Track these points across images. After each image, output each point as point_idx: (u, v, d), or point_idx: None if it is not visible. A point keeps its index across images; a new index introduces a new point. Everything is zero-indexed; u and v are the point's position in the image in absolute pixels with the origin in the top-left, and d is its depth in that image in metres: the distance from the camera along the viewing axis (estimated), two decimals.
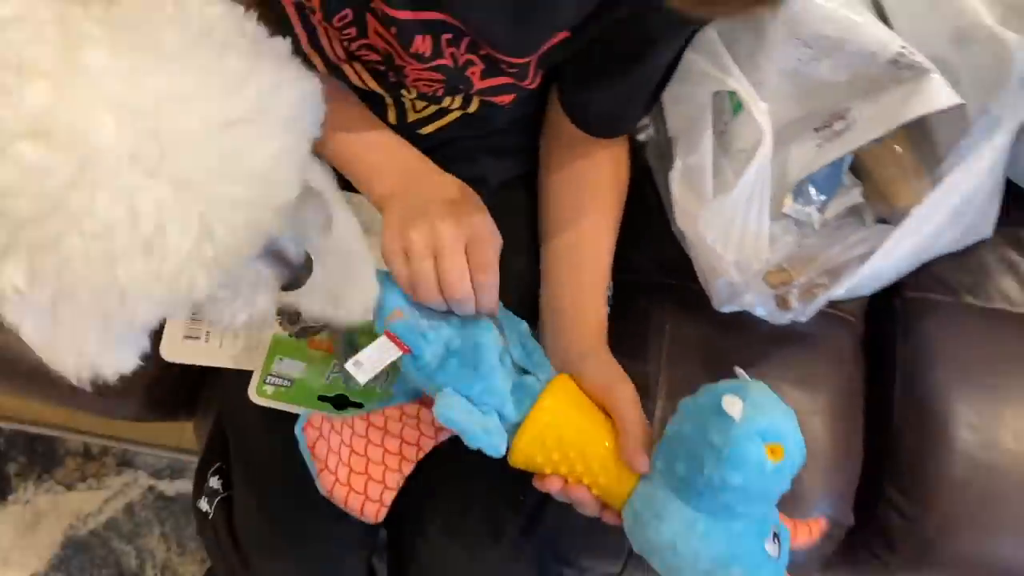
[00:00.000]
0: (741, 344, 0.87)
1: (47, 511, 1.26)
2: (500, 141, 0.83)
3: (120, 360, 0.50)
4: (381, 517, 0.68)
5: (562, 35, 0.68)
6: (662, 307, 0.90)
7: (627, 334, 0.78)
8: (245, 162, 0.46)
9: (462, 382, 0.65)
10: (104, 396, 0.90)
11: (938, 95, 0.70)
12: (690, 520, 0.60)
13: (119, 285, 0.44)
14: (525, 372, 0.69)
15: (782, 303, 0.76)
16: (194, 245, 0.44)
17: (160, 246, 0.43)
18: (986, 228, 0.92)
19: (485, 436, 0.63)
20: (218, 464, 0.81)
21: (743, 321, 0.85)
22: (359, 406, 0.76)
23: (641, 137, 0.98)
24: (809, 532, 0.67)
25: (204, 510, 0.79)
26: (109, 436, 1.30)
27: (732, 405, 0.57)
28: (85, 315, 0.46)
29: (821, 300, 0.76)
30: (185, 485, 1.28)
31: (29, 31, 0.44)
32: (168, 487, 1.28)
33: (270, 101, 0.47)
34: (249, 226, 0.47)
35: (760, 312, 0.78)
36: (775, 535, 0.62)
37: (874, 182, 0.83)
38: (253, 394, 0.76)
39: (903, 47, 0.71)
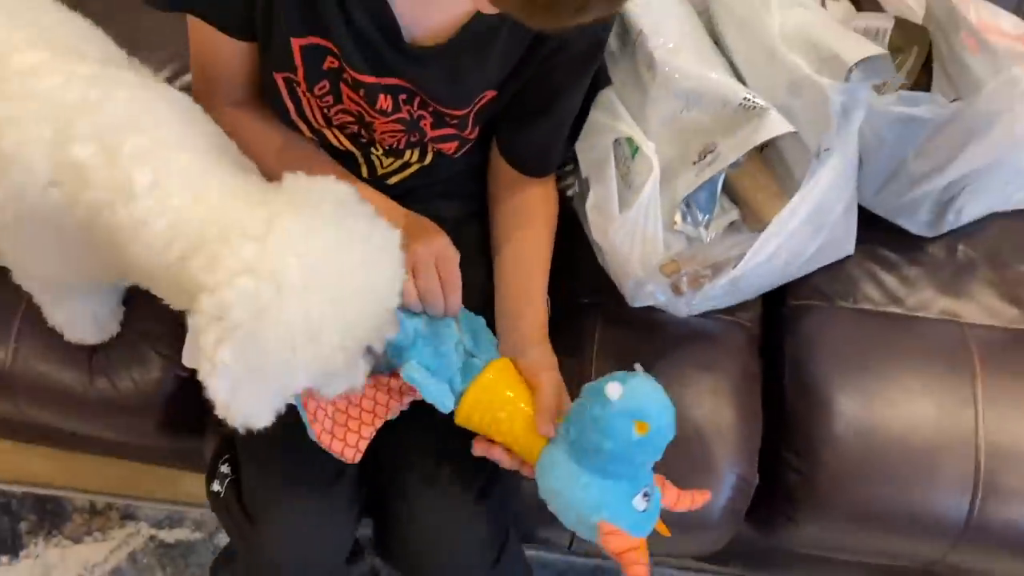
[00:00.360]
0: (656, 343, 1.06)
1: (56, 564, 1.36)
2: (452, 187, 1.05)
3: (268, 415, 0.71)
4: (356, 459, 0.85)
5: (490, 94, 0.91)
6: (593, 320, 1.10)
7: (567, 339, 0.98)
8: (372, 287, 0.71)
9: (425, 358, 0.84)
10: (128, 414, 1.07)
11: (775, 126, 0.93)
12: (575, 474, 0.78)
13: (293, 363, 0.67)
14: (472, 357, 0.88)
15: (676, 290, 0.96)
16: (341, 338, 0.69)
17: (319, 338, 0.67)
18: (848, 246, 1.14)
19: (438, 395, 0.82)
20: (226, 455, 0.97)
21: (656, 325, 1.06)
22: None
23: (569, 193, 1.20)
24: (692, 499, 0.84)
25: (216, 491, 0.94)
26: (113, 493, 1.43)
27: (613, 390, 0.76)
28: (262, 383, 0.68)
29: (707, 289, 0.97)
30: (183, 533, 1.40)
31: (247, 210, 0.70)
32: (168, 535, 1.40)
33: (383, 244, 0.73)
34: (374, 327, 0.72)
35: (660, 299, 0.97)
36: (646, 494, 0.79)
37: (747, 204, 1.05)
38: None
39: (747, 94, 0.95)
